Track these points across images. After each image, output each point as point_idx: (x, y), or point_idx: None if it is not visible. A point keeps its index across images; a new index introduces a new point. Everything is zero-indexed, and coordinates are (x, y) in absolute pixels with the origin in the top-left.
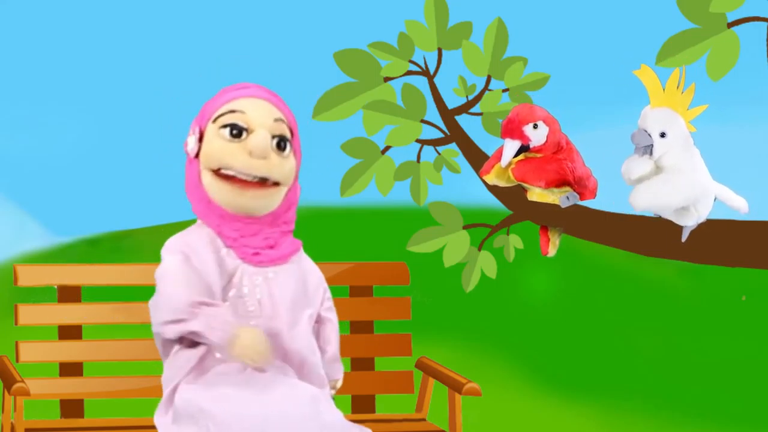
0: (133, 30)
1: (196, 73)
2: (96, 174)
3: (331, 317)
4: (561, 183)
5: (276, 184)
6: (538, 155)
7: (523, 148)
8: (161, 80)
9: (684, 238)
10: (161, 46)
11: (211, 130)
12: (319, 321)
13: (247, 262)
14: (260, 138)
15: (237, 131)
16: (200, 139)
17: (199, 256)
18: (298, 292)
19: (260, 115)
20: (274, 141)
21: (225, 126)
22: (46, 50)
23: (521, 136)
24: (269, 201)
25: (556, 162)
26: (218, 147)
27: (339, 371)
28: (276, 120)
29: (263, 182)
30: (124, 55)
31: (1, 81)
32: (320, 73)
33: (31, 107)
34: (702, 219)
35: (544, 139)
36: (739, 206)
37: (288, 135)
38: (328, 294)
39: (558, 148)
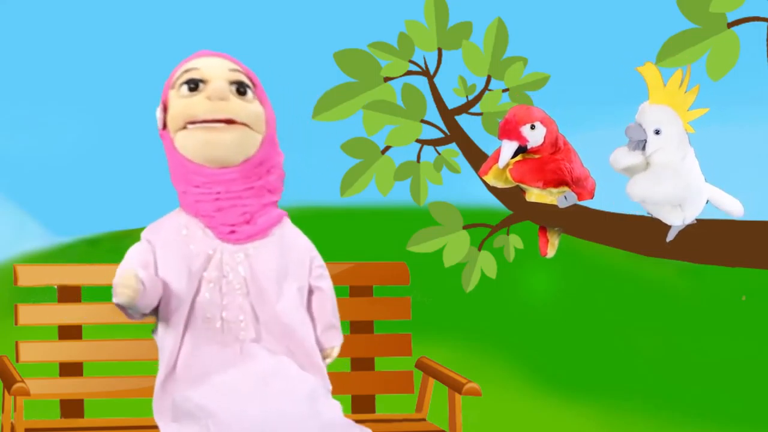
0: (132, 30)
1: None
2: (96, 174)
3: (322, 285)
4: (559, 183)
5: (246, 127)
6: (536, 156)
7: (521, 149)
8: (161, 80)
9: (670, 238)
10: (161, 46)
11: (172, 95)
12: (310, 292)
13: (225, 241)
14: (217, 83)
15: (194, 84)
16: (165, 110)
17: (163, 240)
18: (281, 266)
19: (214, 68)
20: (233, 87)
21: (182, 84)
22: (46, 50)
23: (519, 137)
24: (242, 139)
25: (554, 162)
26: (180, 104)
27: (334, 338)
28: (231, 70)
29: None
30: (124, 55)
31: (1, 81)
32: (320, 73)
33: (31, 107)
34: (689, 220)
35: (542, 140)
36: (732, 210)
37: (247, 81)
38: (318, 262)
39: (556, 148)
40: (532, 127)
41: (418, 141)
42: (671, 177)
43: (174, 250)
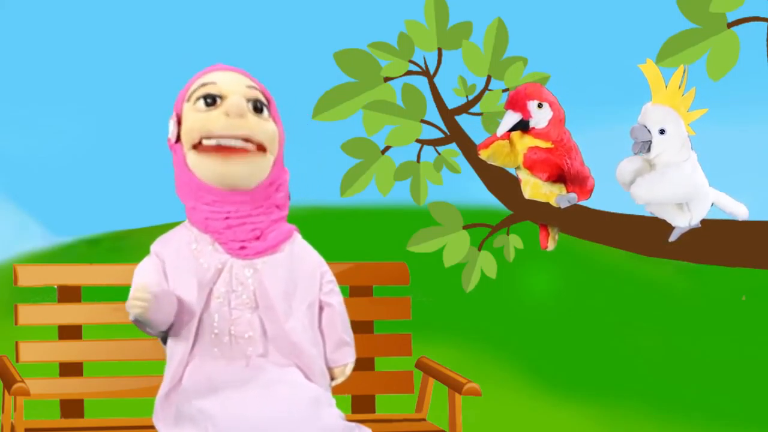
0: (132, 30)
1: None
2: (96, 174)
3: (332, 301)
4: (557, 176)
5: (261, 148)
6: (548, 144)
7: (523, 124)
8: (161, 81)
9: (672, 239)
10: (161, 46)
11: (186, 108)
12: (320, 308)
13: (235, 256)
14: (235, 98)
15: (211, 99)
16: (179, 123)
17: (174, 256)
18: (290, 283)
19: (231, 83)
20: (250, 104)
21: (199, 98)
22: (46, 50)
23: (523, 110)
24: (255, 167)
25: (558, 157)
26: (196, 119)
27: (347, 355)
28: (248, 86)
29: (246, 148)
30: (124, 56)
31: (1, 81)
32: (320, 73)
33: (31, 107)
34: (695, 223)
35: (546, 123)
36: (737, 213)
37: (263, 99)
38: (328, 277)
39: (559, 139)
40: (540, 106)
41: (418, 141)
42: (675, 175)
43: (184, 264)
